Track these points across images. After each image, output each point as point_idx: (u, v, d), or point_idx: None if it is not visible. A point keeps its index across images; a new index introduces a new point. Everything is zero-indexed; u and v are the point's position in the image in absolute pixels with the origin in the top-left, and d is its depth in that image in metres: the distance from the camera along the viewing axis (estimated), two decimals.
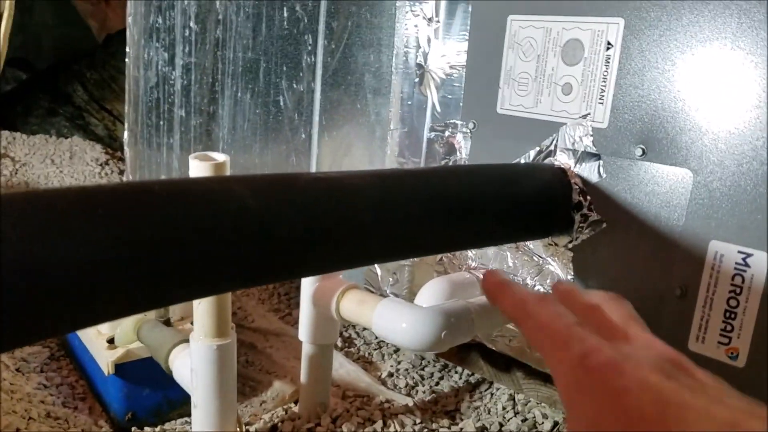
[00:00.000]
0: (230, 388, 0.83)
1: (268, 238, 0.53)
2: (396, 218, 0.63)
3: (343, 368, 1.20)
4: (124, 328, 1.02)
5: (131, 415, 1.05)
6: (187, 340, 0.87)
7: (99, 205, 0.45)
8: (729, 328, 0.69)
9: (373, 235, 0.61)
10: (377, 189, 0.62)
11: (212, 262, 0.49)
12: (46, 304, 0.40)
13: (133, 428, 1.02)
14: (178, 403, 1.07)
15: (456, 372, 1.18)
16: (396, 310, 0.79)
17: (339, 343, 1.32)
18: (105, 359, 1.01)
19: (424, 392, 1.13)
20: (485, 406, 1.03)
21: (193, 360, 0.81)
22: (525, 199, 0.77)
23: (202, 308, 0.79)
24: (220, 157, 0.75)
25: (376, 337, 1.34)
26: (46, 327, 0.42)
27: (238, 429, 0.87)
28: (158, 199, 0.48)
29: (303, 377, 0.97)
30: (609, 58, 0.76)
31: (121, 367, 1.02)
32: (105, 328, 1.06)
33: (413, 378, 1.18)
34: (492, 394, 1.06)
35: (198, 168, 0.74)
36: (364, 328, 1.17)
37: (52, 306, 0.40)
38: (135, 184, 0.49)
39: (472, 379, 1.14)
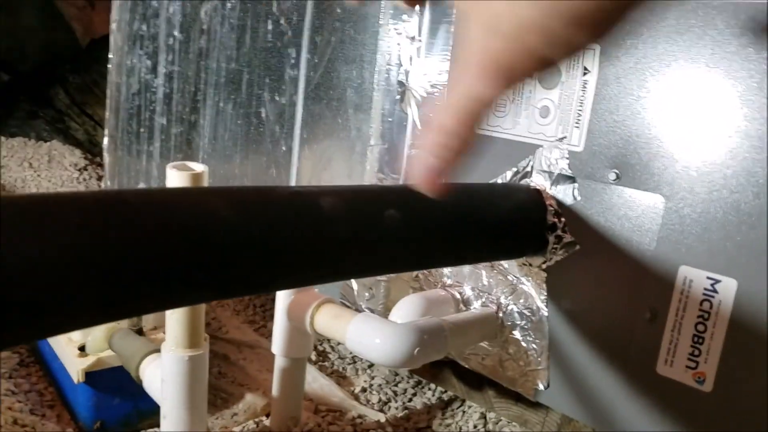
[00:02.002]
0: (201, 399, 0.83)
1: (241, 251, 0.53)
2: (371, 235, 0.63)
3: (316, 382, 1.20)
4: (95, 336, 1.01)
5: (100, 424, 1.04)
6: (158, 350, 0.87)
7: (73, 213, 0.45)
8: (697, 352, 0.70)
9: (348, 251, 0.62)
10: (354, 205, 0.63)
11: (185, 274, 0.49)
12: (13, 312, 0.40)
13: None
14: (148, 413, 1.06)
15: (429, 389, 1.18)
16: (370, 326, 0.79)
17: (313, 357, 1.31)
18: (75, 367, 1.00)
19: (396, 408, 1.13)
20: (456, 423, 1.04)
21: (164, 370, 0.81)
22: (500, 219, 0.78)
23: (174, 318, 0.79)
24: (198, 167, 0.75)
25: (351, 352, 1.34)
26: (12, 335, 0.42)
27: None
28: (133, 209, 0.48)
29: (275, 390, 0.97)
30: (586, 83, 0.78)
31: (91, 376, 1.01)
32: (76, 336, 1.05)
33: (386, 394, 1.18)
34: (464, 412, 1.07)
35: (175, 178, 0.74)
36: (339, 343, 1.17)
37: (19, 314, 0.40)
38: (111, 192, 0.49)
39: (445, 397, 1.14)
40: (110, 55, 1.74)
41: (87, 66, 3.12)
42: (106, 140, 1.79)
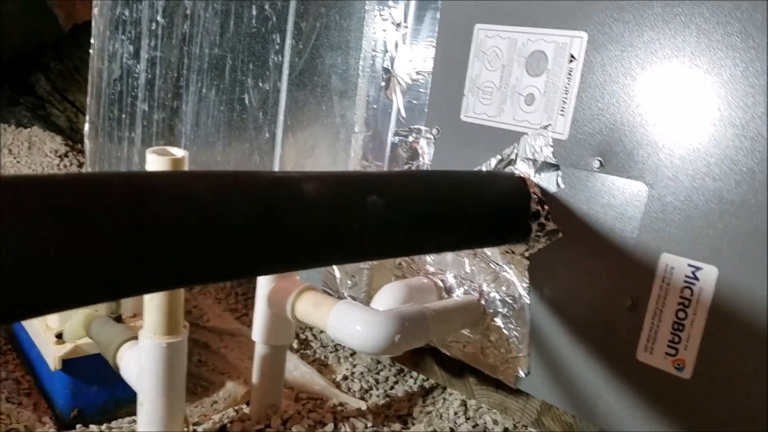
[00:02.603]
0: (179, 387, 0.82)
1: (222, 236, 0.52)
2: (353, 221, 0.63)
3: (297, 370, 1.19)
4: (73, 323, 0.99)
5: (77, 412, 1.03)
6: (136, 338, 0.86)
7: (49, 195, 0.44)
8: (676, 339, 0.70)
9: (330, 237, 0.61)
10: (336, 191, 0.62)
11: (163, 258, 0.49)
12: None
13: (78, 425, 0.99)
14: (126, 401, 1.05)
15: (411, 377, 1.18)
16: (351, 313, 0.78)
17: (295, 345, 1.31)
18: (52, 354, 0.99)
19: (378, 396, 1.13)
20: (437, 411, 1.03)
21: (142, 357, 0.80)
22: (484, 207, 0.77)
23: (153, 305, 0.77)
24: (178, 152, 0.74)
25: (333, 340, 1.34)
26: None
27: (185, 429, 0.85)
28: (113, 191, 0.47)
29: (255, 378, 0.96)
30: (571, 71, 0.77)
31: (68, 363, 1.00)
32: (54, 323, 1.03)
33: (368, 382, 1.18)
34: (444, 399, 1.07)
35: (155, 162, 0.73)
36: (322, 331, 1.16)
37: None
38: (88, 175, 0.48)
39: (427, 384, 1.14)
40: (92, 41, 1.72)
41: (69, 52, 3.08)
42: (87, 126, 1.76)
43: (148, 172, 0.52)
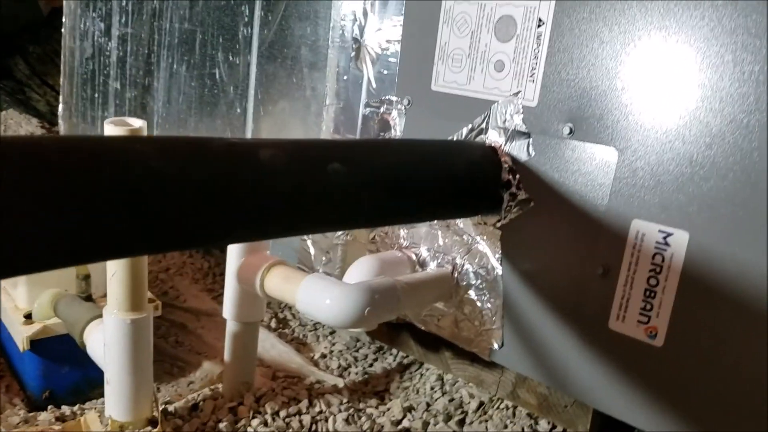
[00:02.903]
0: (145, 364, 0.80)
1: (172, 202, 0.50)
2: (313, 190, 0.61)
3: (274, 349, 1.18)
4: (41, 302, 0.98)
5: (48, 393, 1.01)
6: (102, 315, 0.84)
7: None
8: (648, 307, 0.69)
9: (289, 205, 0.59)
10: (295, 158, 0.60)
11: (109, 225, 0.47)
12: None
13: (49, 407, 0.98)
14: (99, 381, 1.02)
15: (390, 354, 1.17)
16: (320, 287, 0.77)
17: (273, 324, 1.29)
18: (20, 335, 0.97)
19: (356, 374, 1.11)
20: (414, 386, 1.02)
21: (106, 334, 0.78)
22: (453, 176, 0.76)
23: (115, 280, 0.76)
24: (136, 122, 0.72)
25: (312, 319, 1.32)
26: None
27: (153, 406, 0.84)
28: (52, 155, 0.45)
29: (227, 356, 0.94)
30: (540, 36, 0.75)
31: (37, 344, 0.98)
32: (22, 303, 1.01)
33: (346, 359, 1.17)
34: (421, 375, 1.06)
35: (113, 133, 0.71)
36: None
37: None
38: (30, 137, 0.46)
39: (405, 361, 1.13)
40: (64, 19, 1.69)
41: (47, 35, 3.03)
42: (60, 107, 1.74)
43: (90, 137, 0.50)
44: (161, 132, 1.29)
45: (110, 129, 0.70)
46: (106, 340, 0.78)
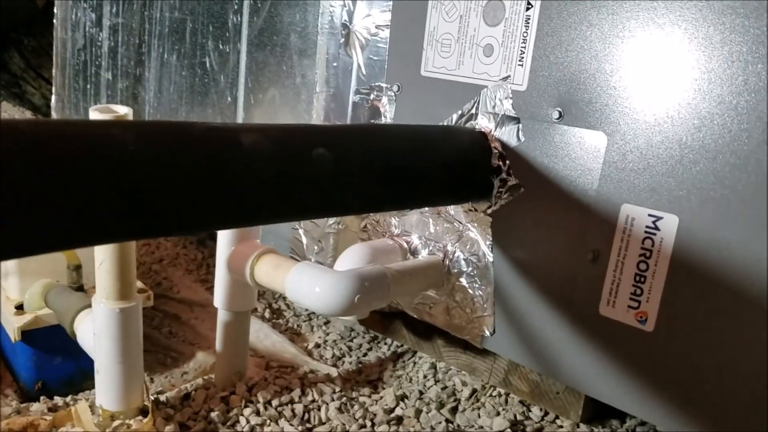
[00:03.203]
0: (135, 353, 0.80)
1: (151, 187, 0.50)
2: (298, 176, 0.60)
3: (268, 339, 1.18)
4: (32, 293, 0.97)
5: (41, 384, 1.01)
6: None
7: None
8: (638, 291, 0.69)
9: (272, 191, 0.59)
10: (278, 143, 0.59)
11: (82, 211, 0.46)
12: None
13: (42, 397, 0.98)
14: (91, 372, 1.02)
15: (385, 343, 1.17)
16: (309, 275, 0.76)
17: (267, 315, 1.29)
18: (12, 325, 0.97)
19: (350, 363, 1.11)
20: (407, 374, 1.02)
21: (96, 324, 0.78)
22: (442, 162, 0.75)
23: (103, 268, 0.75)
24: (121, 109, 0.71)
25: (307, 309, 1.32)
26: None
27: (144, 396, 0.83)
28: (22, 137, 0.45)
29: (218, 346, 0.94)
30: (529, 19, 0.75)
31: (29, 334, 0.98)
32: (14, 293, 1.01)
33: (341, 349, 1.16)
34: (414, 363, 1.05)
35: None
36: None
37: None
38: (1, 122, 0.45)
39: (400, 350, 1.13)
40: (55, 10, 1.68)
41: (42, 28, 3.02)
42: (53, 99, 1.73)
43: (62, 120, 0.49)
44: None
45: (96, 116, 0.70)
46: (96, 330, 0.78)
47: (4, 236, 0.43)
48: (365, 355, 1.15)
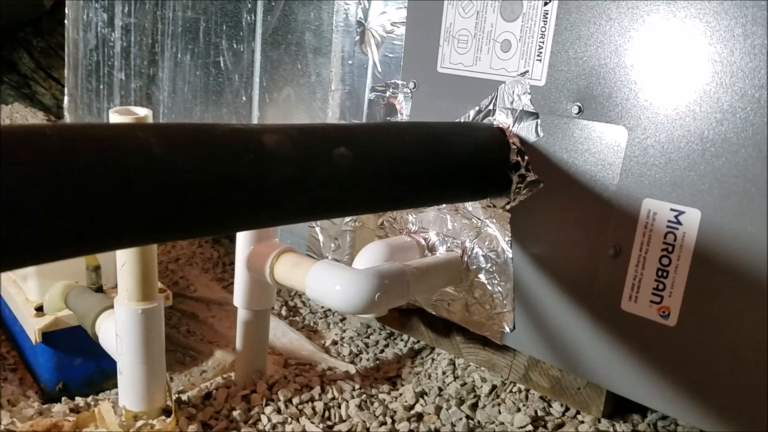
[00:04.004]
0: (158, 353, 0.80)
1: (176, 190, 0.50)
2: (319, 175, 0.60)
3: (286, 337, 1.18)
4: (51, 295, 0.98)
5: (62, 385, 1.02)
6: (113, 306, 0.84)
7: None
8: (661, 286, 0.68)
9: (295, 191, 0.59)
10: (300, 143, 0.59)
11: (111, 214, 0.46)
12: None
13: (63, 398, 0.98)
14: (112, 373, 1.03)
15: (401, 340, 1.17)
16: (329, 273, 0.76)
17: (284, 312, 1.29)
18: (32, 327, 0.97)
19: (367, 360, 1.11)
20: (426, 371, 1.02)
21: (118, 325, 0.78)
22: (461, 159, 0.75)
23: (125, 270, 0.76)
24: (141, 111, 0.71)
25: (323, 306, 1.32)
26: None
27: (167, 396, 0.84)
28: (54, 143, 0.45)
29: (239, 344, 0.94)
30: (547, 14, 0.74)
31: (50, 336, 0.98)
32: (33, 295, 1.02)
33: (357, 346, 1.17)
34: (433, 360, 1.05)
35: (117, 122, 0.70)
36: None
37: None
38: (27, 125, 0.46)
39: (417, 347, 1.13)
40: (66, 10, 1.68)
41: (51, 28, 3.03)
42: (66, 99, 1.73)
43: (87, 124, 0.49)
44: (167, 121, 1.28)
45: (115, 118, 0.70)
46: (118, 331, 0.78)
47: (33, 240, 0.43)
48: (382, 351, 1.15)
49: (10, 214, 0.40)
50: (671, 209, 0.67)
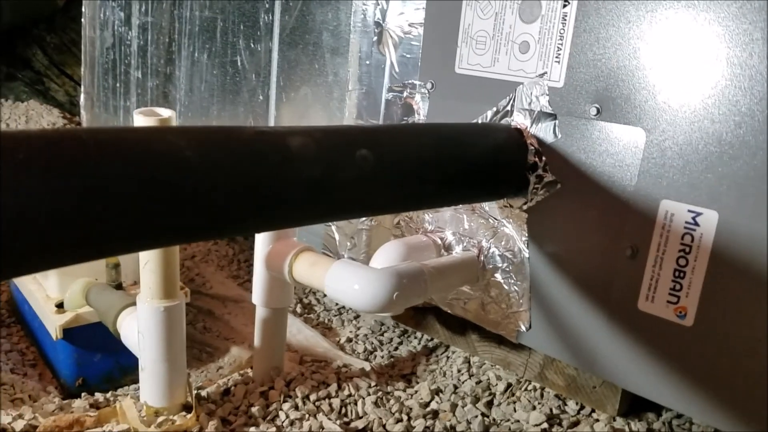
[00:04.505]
0: (179, 350, 0.82)
1: (205, 191, 0.51)
2: (342, 175, 0.61)
3: (301, 334, 1.19)
4: (72, 292, 0.99)
5: (82, 381, 1.03)
6: (135, 303, 0.85)
7: (19, 150, 0.42)
8: (678, 287, 0.69)
9: (319, 192, 0.60)
10: (323, 145, 0.60)
11: (144, 215, 0.47)
12: None
13: (83, 394, 1.00)
14: (131, 368, 1.05)
15: (415, 337, 1.18)
16: (348, 272, 0.77)
17: (298, 310, 1.31)
18: (53, 324, 0.99)
19: (382, 357, 1.12)
20: (441, 369, 1.03)
21: (140, 322, 0.80)
22: (479, 160, 0.76)
23: (148, 268, 0.77)
24: (165, 112, 0.72)
25: (337, 304, 1.34)
26: None
27: (187, 392, 0.85)
28: (89, 148, 0.46)
29: (257, 341, 0.96)
30: (566, 16, 0.75)
31: (70, 332, 1.00)
32: (54, 292, 1.03)
33: (372, 343, 1.18)
34: (448, 357, 1.06)
35: (142, 123, 0.72)
36: (325, 294, 1.17)
37: None
38: (63, 129, 0.47)
39: (431, 344, 1.14)
40: (83, 9, 1.70)
41: (64, 25, 3.05)
42: (82, 97, 1.75)
43: (121, 128, 0.50)
44: (184, 120, 1.30)
45: (140, 119, 0.71)
46: (141, 328, 0.80)
47: (73, 241, 0.44)
48: (396, 348, 1.16)
49: (54, 218, 0.41)
50: (689, 210, 0.67)
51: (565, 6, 0.75)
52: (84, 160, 0.44)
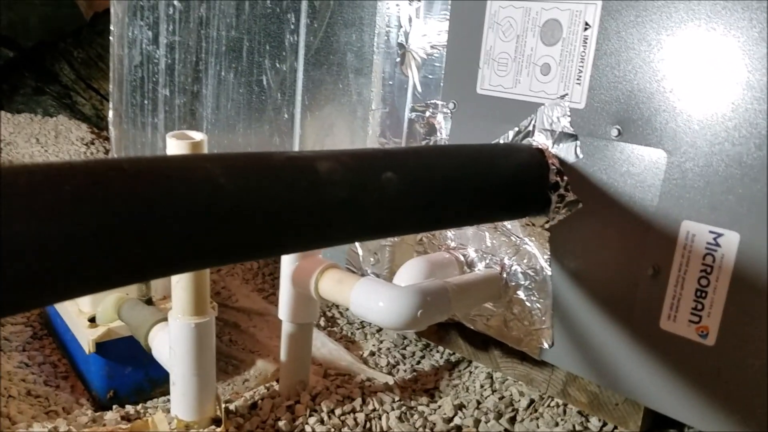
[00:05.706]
0: (209, 365, 0.84)
1: (239, 217, 0.53)
2: (369, 197, 0.63)
3: (325, 347, 1.21)
4: (104, 306, 1.02)
5: (113, 393, 1.06)
6: (166, 319, 0.88)
7: (66, 182, 0.45)
8: (700, 306, 0.70)
9: (347, 214, 0.62)
10: (350, 168, 0.62)
11: (184, 240, 0.50)
12: (7, 284, 0.40)
13: (114, 406, 1.02)
14: (160, 381, 1.08)
15: (437, 351, 1.19)
16: (373, 289, 0.79)
17: (322, 323, 1.32)
18: (86, 338, 1.01)
19: (405, 371, 1.14)
20: (464, 384, 1.04)
21: (172, 338, 0.82)
22: (502, 179, 0.77)
23: (180, 286, 0.79)
24: (197, 135, 0.75)
25: (359, 318, 1.35)
26: (10, 305, 0.42)
27: (217, 406, 0.87)
28: (129, 178, 0.48)
29: (283, 356, 0.98)
30: (587, 39, 0.76)
31: (102, 346, 1.03)
32: (86, 307, 1.06)
33: (395, 357, 1.19)
34: (470, 373, 1.08)
35: (175, 146, 0.74)
36: (348, 308, 1.18)
37: (14, 286, 0.41)
38: (105, 161, 0.49)
39: (453, 359, 1.15)
40: (111, 27, 1.74)
41: (90, 40, 3.11)
42: (111, 113, 1.79)
43: (160, 157, 0.52)
44: (211, 137, 1.33)
45: (172, 143, 0.74)
46: (172, 343, 0.82)
47: (114, 266, 0.46)
48: (419, 362, 1.17)
49: (100, 245, 0.43)
50: (710, 231, 0.68)
51: (586, 29, 0.76)
52: (126, 188, 0.47)
